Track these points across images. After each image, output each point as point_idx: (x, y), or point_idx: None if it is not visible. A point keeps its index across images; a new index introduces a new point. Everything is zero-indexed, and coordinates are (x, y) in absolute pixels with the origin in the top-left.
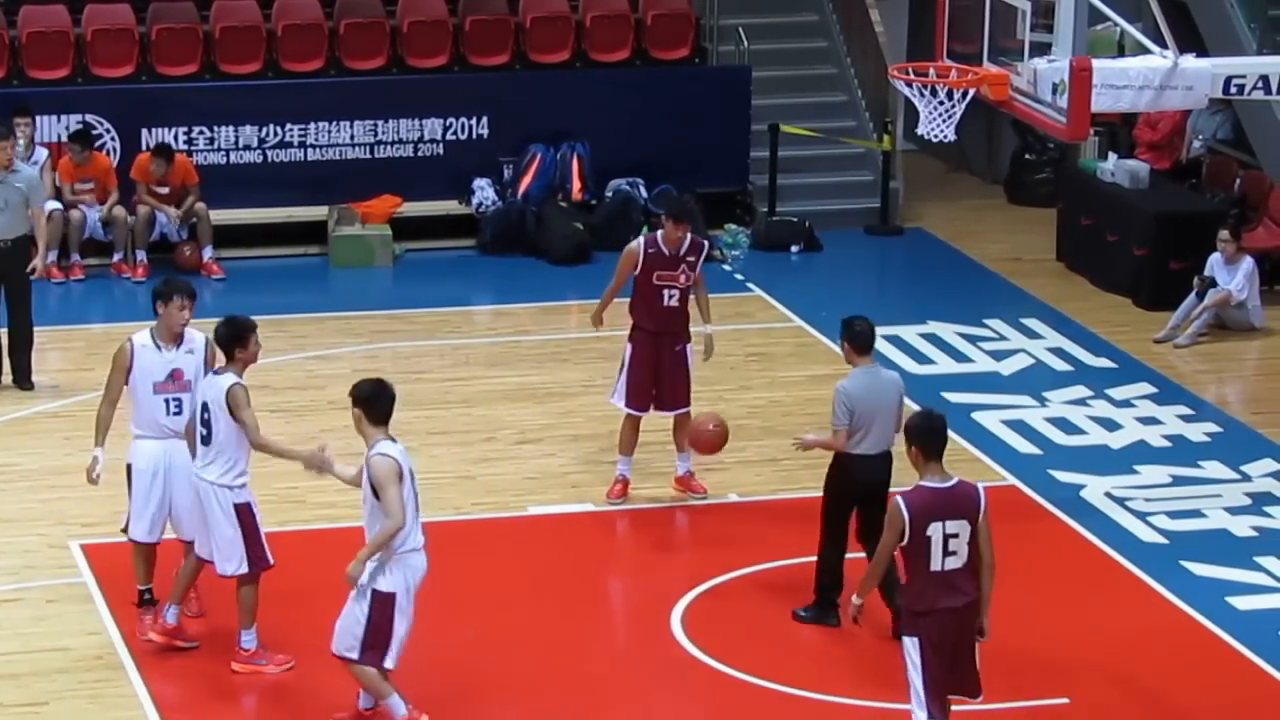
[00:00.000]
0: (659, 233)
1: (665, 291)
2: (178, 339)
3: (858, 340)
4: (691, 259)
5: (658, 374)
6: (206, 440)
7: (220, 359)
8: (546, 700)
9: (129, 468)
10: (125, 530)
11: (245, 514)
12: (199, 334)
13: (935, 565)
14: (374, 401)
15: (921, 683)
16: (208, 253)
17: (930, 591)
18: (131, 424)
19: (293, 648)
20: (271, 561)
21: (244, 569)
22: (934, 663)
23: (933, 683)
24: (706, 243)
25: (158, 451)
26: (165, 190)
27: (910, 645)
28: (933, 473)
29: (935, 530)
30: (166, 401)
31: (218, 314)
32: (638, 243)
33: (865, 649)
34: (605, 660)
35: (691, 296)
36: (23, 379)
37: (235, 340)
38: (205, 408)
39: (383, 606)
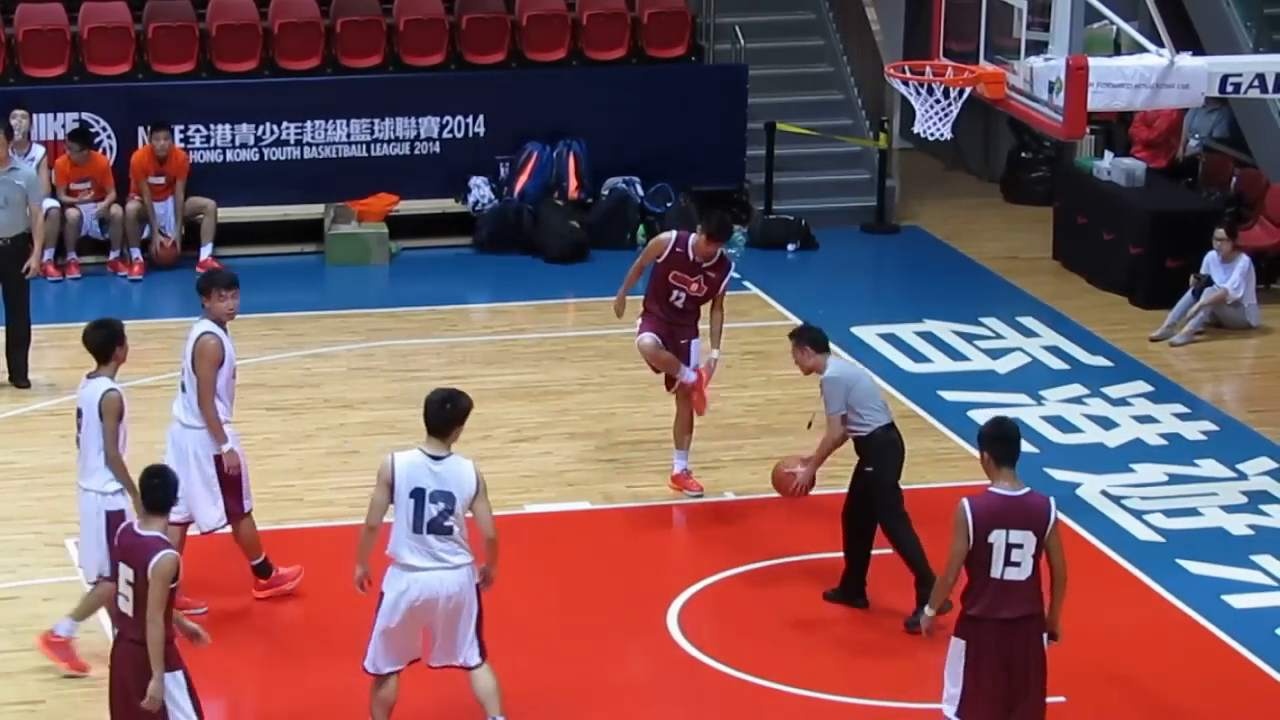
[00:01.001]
0: (693, 237)
1: (675, 291)
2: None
3: (818, 341)
4: (713, 274)
5: (669, 347)
6: (79, 443)
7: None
8: (542, 698)
9: (226, 457)
10: (240, 515)
11: (115, 523)
12: None
13: (995, 573)
14: (425, 410)
15: (959, 689)
16: (207, 250)
17: (985, 598)
18: (224, 411)
19: (289, 646)
20: None
21: (105, 573)
22: (979, 673)
23: (975, 693)
24: (733, 264)
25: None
26: (161, 180)
27: (956, 648)
28: (1004, 480)
29: (998, 538)
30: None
31: None
32: (670, 236)
33: (863, 647)
34: (601, 658)
35: (705, 310)
36: (19, 377)
37: (114, 340)
38: (80, 413)
39: (379, 598)
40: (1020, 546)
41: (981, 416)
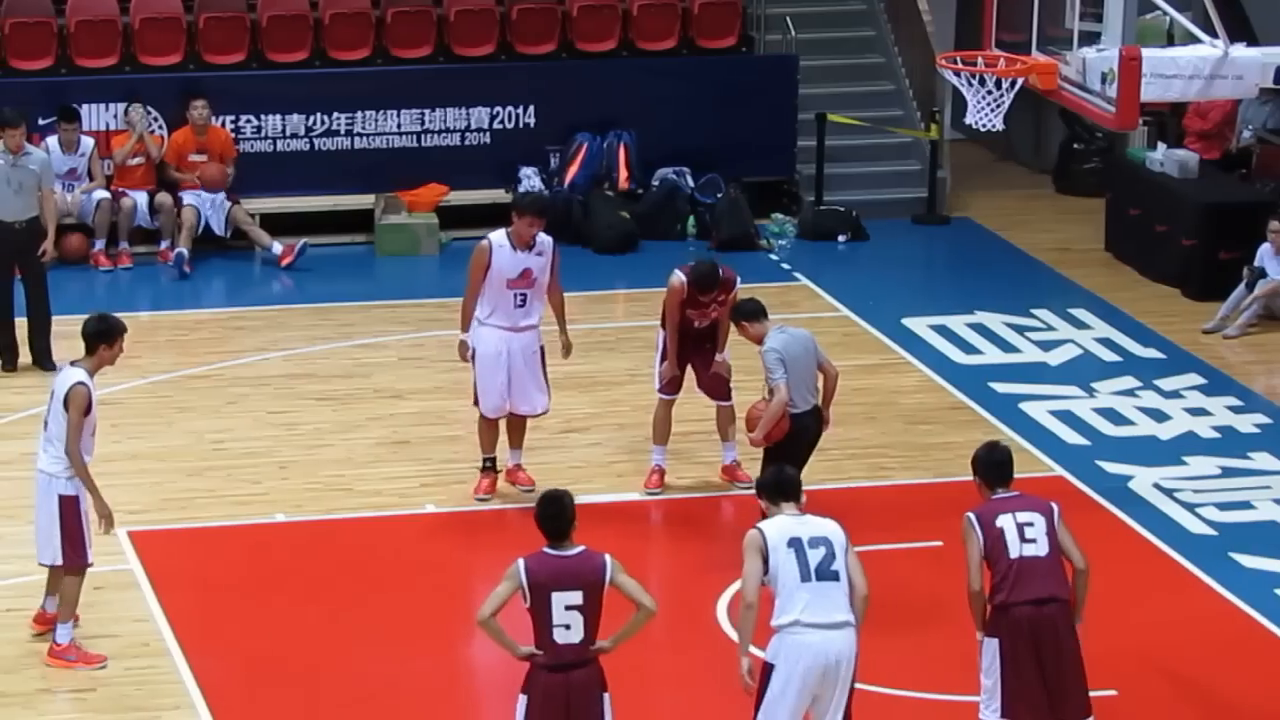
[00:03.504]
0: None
1: (696, 322)
2: (529, 245)
3: (754, 314)
4: (721, 298)
5: (694, 365)
6: (46, 426)
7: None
8: None
9: (474, 352)
10: (476, 403)
11: (67, 507)
12: (547, 238)
13: (1014, 554)
14: (770, 484)
15: (998, 689)
16: (278, 246)
17: (1009, 582)
18: (479, 314)
19: (329, 632)
20: (90, 562)
21: (58, 561)
22: (1016, 666)
23: (1014, 688)
24: (737, 277)
25: (499, 337)
26: (203, 157)
27: (988, 647)
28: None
29: (1006, 521)
30: (514, 295)
31: (275, 303)
32: (680, 278)
33: (925, 640)
34: (649, 649)
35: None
36: (44, 360)
37: (101, 337)
38: (52, 395)
39: (763, 674)
40: (1031, 524)
41: (1033, 408)
